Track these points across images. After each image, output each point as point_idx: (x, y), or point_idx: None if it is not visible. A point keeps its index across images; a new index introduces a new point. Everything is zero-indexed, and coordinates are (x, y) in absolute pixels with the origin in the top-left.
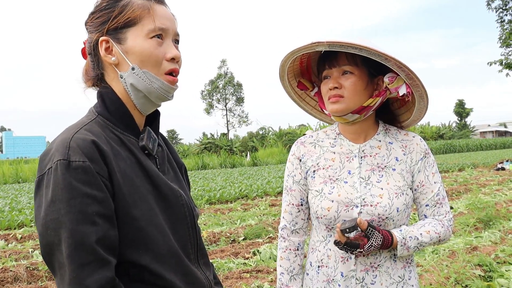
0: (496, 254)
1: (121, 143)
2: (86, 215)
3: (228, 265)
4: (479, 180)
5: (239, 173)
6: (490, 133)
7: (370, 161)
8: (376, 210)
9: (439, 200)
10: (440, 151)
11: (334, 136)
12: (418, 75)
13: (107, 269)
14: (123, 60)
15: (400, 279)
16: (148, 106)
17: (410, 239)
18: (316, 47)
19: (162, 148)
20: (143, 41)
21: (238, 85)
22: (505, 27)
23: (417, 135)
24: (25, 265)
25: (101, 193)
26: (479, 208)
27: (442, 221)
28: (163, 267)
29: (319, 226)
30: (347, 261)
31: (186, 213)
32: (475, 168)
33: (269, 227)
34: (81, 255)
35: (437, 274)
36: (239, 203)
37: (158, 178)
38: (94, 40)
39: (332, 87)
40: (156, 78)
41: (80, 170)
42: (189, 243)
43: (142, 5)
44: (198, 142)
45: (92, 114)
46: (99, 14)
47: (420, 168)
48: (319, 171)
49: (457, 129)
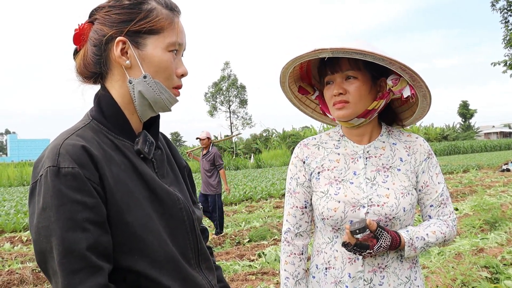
0: (503, 256)
1: (115, 147)
2: (76, 221)
3: (234, 267)
4: (484, 182)
5: (243, 175)
6: (495, 134)
7: (375, 162)
8: (383, 210)
9: (443, 200)
10: (445, 152)
11: (337, 138)
12: (421, 76)
13: (99, 275)
14: (136, 66)
15: (407, 279)
16: (148, 114)
17: (417, 240)
18: (319, 54)
19: (162, 151)
20: (162, 52)
21: (242, 87)
22: (509, 27)
23: (420, 136)
24: (31, 268)
25: (91, 199)
26: (484, 209)
27: (447, 222)
28: (160, 273)
29: (325, 228)
30: (354, 262)
31: (184, 217)
32: (479, 169)
33: (274, 229)
34: (72, 262)
35: (444, 276)
36: (243, 205)
37: (154, 182)
38: (109, 36)
39: (336, 93)
40: (165, 90)
41: (69, 177)
42: (189, 248)
43: (168, 16)
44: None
45: (87, 118)
46: (120, 11)
47: (424, 169)
48: (323, 172)
49: (461, 130)
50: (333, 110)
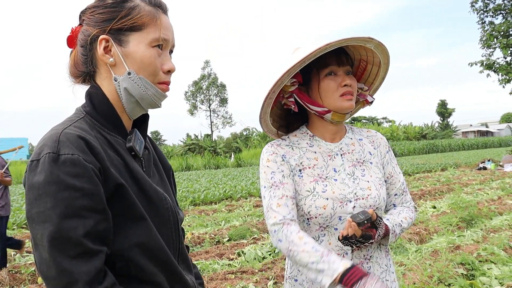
0: (478, 253)
1: (108, 143)
2: (73, 208)
3: (213, 266)
4: (461, 180)
5: (223, 174)
6: (472, 133)
7: (350, 157)
8: (368, 202)
9: (404, 188)
10: (423, 151)
11: (308, 138)
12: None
13: (96, 259)
14: (120, 63)
15: (386, 267)
16: (137, 111)
17: (396, 226)
18: (328, 48)
19: (149, 151)
20: (145, 48)
21: (222, 86)
22: (485, 28)
23: (377, 131)
24: (8, 269)
25: (90, 185)
26: (461, 207)
27: (410, 208)
28: (151, 262)
29: (309, 228)
30: (343, 257)
31: (170, 217)
32: (457, 167)
33: (253, 228)
34: (69, 248)
35: (421, 273)
36: (223, 204)
37: (144, 180)
38: (93, 35)
39: (349, 83)
40: (151, 85)
41: (68, 163)
42: (171, 246)
43: (150, 12)
44: (182, 143)
45: (80, 113)
46: (103, 10)
47: (388, 161)
48: (305, 170)
49: (440, 129)
50: (340, 101)
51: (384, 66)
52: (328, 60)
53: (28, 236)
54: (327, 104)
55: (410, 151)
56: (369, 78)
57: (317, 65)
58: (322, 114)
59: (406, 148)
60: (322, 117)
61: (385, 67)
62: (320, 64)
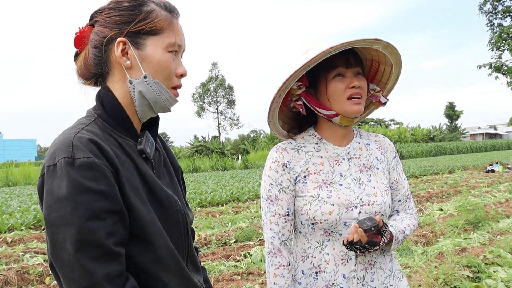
0: (485, 255)
1: (119, 146)
2: (93, 211)
3: (219, 267)
4: (469, 182)
5: (230, 176)
6: (480, 135)
7: (357, 162)
8: (373, 208)
9: (408, 195)
10: (431, 153)
11: (315, 141)
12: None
13: (117, 262)
14: (136, 66)
15: (390, 272)
16: (148, 114)
17: (399, 233)
18: (336, 49)
19: (159, 153)
20: (162, 53)
21: (229, 88)
22: (494, 30)
23: (385, 136)
24: (16, 269)
25: (108, 187)
26: (468, 210)
27: (413, 215)
28: (160, 269)
29: (313, 232)
30: (347, 262)
31: (180, 219)
32: (465, 170)
33: (260, 230)
34: (91, 251)
35: (426, 276)
36: (230, 206)
37: (154, 183)
38: (109, 37)
39: (357, 85)
40: (165, 90)
41: (85, 167)
42: (181, 248)
43: (167, 17)
44: (190, 145)
45: (92, 115)
46: (120, 13)
47: (394, 166)
48: (310, 176)
49: (448, 131)
50: (348, 104)
51: (396, 67)
52: (335, 61)
53: (36, 237)
54: (335, 107)
55: (417, 154)
56: (383, 79)
57: (325, 67)
58: (330, 118)
59: (414, 150)
60: (330, 120)
61: (397, 68)
62: (328, 66)
